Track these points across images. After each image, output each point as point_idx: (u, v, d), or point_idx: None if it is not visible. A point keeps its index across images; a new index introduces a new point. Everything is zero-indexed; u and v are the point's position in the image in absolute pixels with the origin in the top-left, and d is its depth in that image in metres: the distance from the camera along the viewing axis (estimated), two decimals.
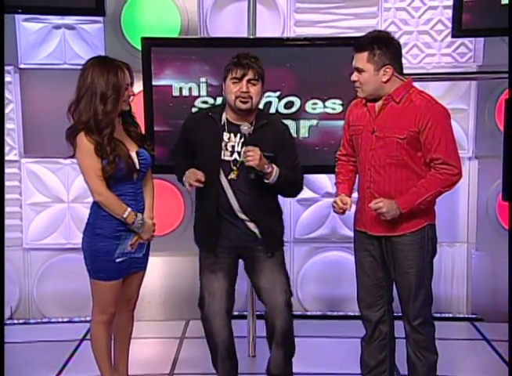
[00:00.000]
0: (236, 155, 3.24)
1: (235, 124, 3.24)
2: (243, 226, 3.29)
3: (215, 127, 3.27)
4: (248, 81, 3.18)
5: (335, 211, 3.18)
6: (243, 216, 3.27)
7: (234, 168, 3.23)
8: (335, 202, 3.13)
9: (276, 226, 3.42)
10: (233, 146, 3.24)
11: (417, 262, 3.08)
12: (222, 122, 3.28)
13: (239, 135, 3.24)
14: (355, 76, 3.04)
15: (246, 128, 3.17)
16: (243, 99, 3.18)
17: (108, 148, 3.01)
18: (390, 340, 3.28)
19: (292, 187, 3.36)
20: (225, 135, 3.25)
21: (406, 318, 3.16)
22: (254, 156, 3.09)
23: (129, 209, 3.08)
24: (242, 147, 3.20)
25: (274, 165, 3.18)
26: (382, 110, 3.05)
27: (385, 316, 3.24)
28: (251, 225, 3.30)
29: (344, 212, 3.15)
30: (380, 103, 3.06)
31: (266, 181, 3.18)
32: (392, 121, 3.01)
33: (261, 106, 3.59)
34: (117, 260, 3.12)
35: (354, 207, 3.22)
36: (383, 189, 3.05)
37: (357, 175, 3.26)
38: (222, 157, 3.24)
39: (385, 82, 3.00)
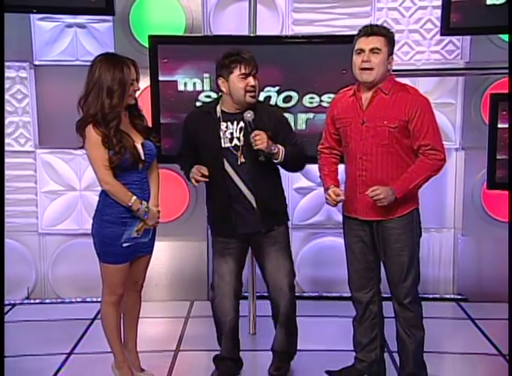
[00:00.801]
0: (236, 141, 3.23)
1: (230, 113, 3.24)
2: (252, 211, 3.27)
3: (212, 119, 3.26)
4: (254, 75, 3.19)
5: (328, 204, 3.17)
6: (250, 197, 3.25)
7: (236, 153, 3.23)
8: (328, 195, 3.11)
9: (276, 204, 3.37)
10: (232, 133, 3.23)
11: (408, 244, 3.10)
12: (218, 114, 3.26)
13: (235, 123, 3.22)
14: (368, 56, 2.97)
15: (249, 115, 3.15)
16: (252, 94, 3.18)
17: (114, 139, 3.00)
18: (380, 319, 3.30)
19: (298, 161, 3.36)
20: (222, 125, 3.24)
21: (396, 298, 3.16)
22: (261, 139, 3.11)
23: (134, 197, 3.07)
24: (241, 133, 3.21)
25: (279, 146, 3.18)
26: (372, 102, 3.04)
27: (375, 296, 3.25)
28: (255, 206, 3.27)
29: (336, 204, 3.15)
30: (368, 95, 3.05)
31: (275, 161, 3.18)
32: (383, 111, 3.01)
33: (261, 99, 3.61)
34: (124, 245, 3.12)
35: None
36: (375, 177, 3.04)
37: (338, 166, 3.27)
38: (223, 145, 3.23)
39: (388, 71, 3.04)
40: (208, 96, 3.84)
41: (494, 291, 4.67)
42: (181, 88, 3.86)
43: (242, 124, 3.21)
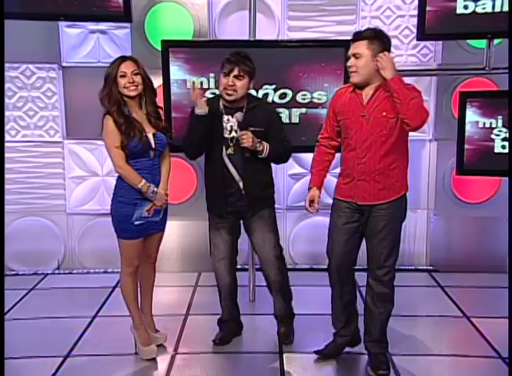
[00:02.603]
0: (234, 133, 3.20)
1: (229, 107, 3.22)
2: (241, 196, 3.25)
3: (216, 112, 3.22)
4: (235, 76, 3.13)
5: (306, 209, 3.13)
6: (240, 184, 3.24)
7: (231, 144, 3.20)
8: (307, 200, 3.11)
9: (263, 191, 3.33)
10: (231, 126, 3.21)
11: (394, 226, 2.99)
12: (221, 107, 3.24)
13: (235, 118, 3.21)
14: (351, 62, 2.90)
15: (239, 116, 3.18)
16: (228, 92, 3.15)
17: (120, 121, 3.02)
18: (353, 294, 3.18)
19: (281, 157, 3.35)
20: (225, 117, 3.21)
21: (375, 275, 3.02)
22: (247, 139, 3.12)
23: (144, 180, 3.06)
24: (238, 127, 3.19)
25: (265, 143, 3.17)
26: (373, 97, 2.89)
27: (350, 277, 3.13)
28: (243, 192, 3.25)
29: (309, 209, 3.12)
30: (369, 92, 2.91)
31: (259, 156, 3.18)
32: (383, 104, 2.87)
33: (259, 96, 3.59)
34: (136, 223, 3.11)
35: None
36: (373, 166, 2.92)
37: (331, 161, 3.16)
38: (224, 135, 3.21)
39: (377, 70, 2.86)
40: (213, 93, 3.79)
41: (461, 263, 4.69)
42: (189, 86, 3.82)
43: (240, 118, 3.19)
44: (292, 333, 3.50)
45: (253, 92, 3.47)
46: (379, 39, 2.89)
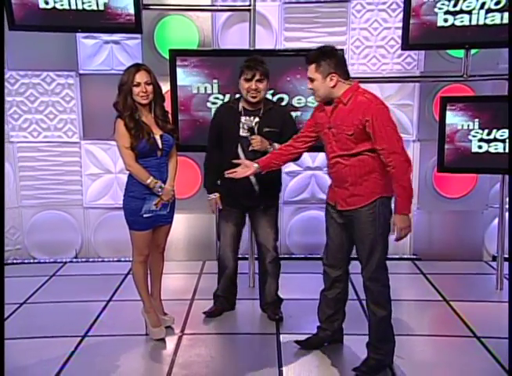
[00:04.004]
0: (249, 133, 3.26)
1: (249, 110, 3.28)
2: (253, 190, 3.31)
3: (235, 112, 3.29)
4: (257, 80, 3.19)
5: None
6: (253, 180, 3.28)
7: (246, 142, 3.25)
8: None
9: (273, 188, 3.41)
10: (248, 126, 3.26)
11: (371, 231, 2.75)
12: (240, 109, 3.29)
13: (252, 117, 3.27)
14: (308, 84, 2.79)
15: (253, 122, 3.26)
16: (253, 94, 3.20)
17: (131, 125, 3.03)
18: (344, 295, 3.05)
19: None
20: (243, 118, 3.27)
21: (363, 277, 2.84)
22: (256, 143, 3.19)
23: (151, 177, 3.07)
24: (256, 125, 3.27)
25: (276, 145, 3.20)
26: (333, 111, 2.76)
27: (343, 275, 2.99)
28: (257, 188, 3.32)
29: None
30: (331, 106, 2.78)
31: None
32: (342, 120, 2.72)
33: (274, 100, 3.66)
34: (144, 215, 3.12)
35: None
36: (341, 175, 2.79)
37: (285, 155, 3.02)
38: (240, 134, 3.26)
39: (333, 87, 2.71)
40: (216, 98, 3.80)
41: (441, 252, 4.69)
42: (194, 91, 3.82)
43: (257, 119, 3.25)
44: (280, 311, 3.52)
45: None
46: (324, 59, 2.70)
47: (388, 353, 2.90)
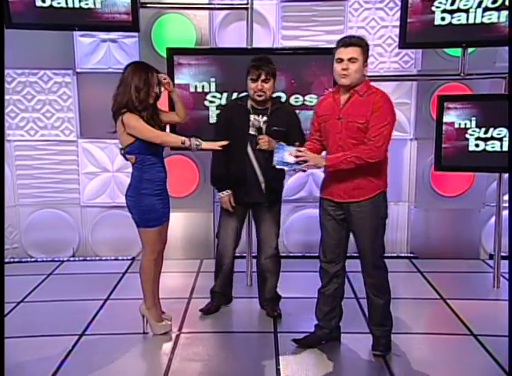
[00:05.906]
0: (257, 132, 3.28)
1: (257, 108, 3.29)
2: (260, 187, 3.33)
3: (244, 110, 3.30)
4: (262, 80, 3.20)
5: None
6: (260, 177, 3.30)
7: (255, 141, 3.26)
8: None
9: (278, 185, 3.44)
10: (256, 125, 3.28)
11: (372, 223, 2.87)
12: (248, 107, 3.30)
13: (261, 116, 3.28)
14: (346, 65, 2.77)
15: (260, 122, 3.27)
16: (259, 94, 3.22)
17: (147, 118, 3.03)
18: (341, 290, 3.08)
19: None
20: (252, 116, 3.28)
21: (363, 268, 2.96)
22: (263, 142, 3.21)
23: (183, 138, 3.01)
24: (264, 124, 3.28)
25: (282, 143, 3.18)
26: (348, 102, 2.83)
27: (340, 270, 3.02)
28: (263, 185, 3.34)
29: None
30: (345, 96, 2.84)
31: None
32: (356, 109, 2.81)
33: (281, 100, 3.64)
34: (160, 209, 3.12)
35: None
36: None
37: (318, 147, 3.01)
38: (249, 132, 3.28)
39: (363, 76, 2.82)
40: (214, 96, 3.81)
41: (438, 250, 4.70)
42: (192, 89, 3.81)
43: (265, 118, 3.27)
44: (279, 307, 3.53)
45: None
46: (368, 49, 2.86)
47: (391, 328, 3.09)
